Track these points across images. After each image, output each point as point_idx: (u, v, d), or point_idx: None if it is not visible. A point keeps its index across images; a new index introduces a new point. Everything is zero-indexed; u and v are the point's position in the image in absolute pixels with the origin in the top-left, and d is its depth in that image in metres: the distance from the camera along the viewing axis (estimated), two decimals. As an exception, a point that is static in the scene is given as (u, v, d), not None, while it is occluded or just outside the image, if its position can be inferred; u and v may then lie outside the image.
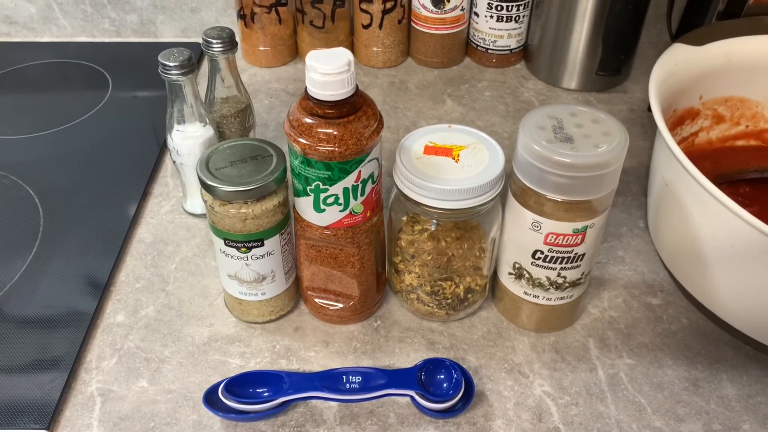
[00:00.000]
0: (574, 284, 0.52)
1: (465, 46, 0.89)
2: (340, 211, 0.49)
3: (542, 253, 0.50)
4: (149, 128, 0.78)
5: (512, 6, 0.82)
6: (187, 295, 0.59)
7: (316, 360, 0.54)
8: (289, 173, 0.50)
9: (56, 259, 0.61)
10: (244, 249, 0.51)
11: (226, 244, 0.51)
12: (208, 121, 0.61)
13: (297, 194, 0.50)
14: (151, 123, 0.78)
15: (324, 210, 0.49)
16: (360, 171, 0.47)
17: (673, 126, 0.64)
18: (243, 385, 0.50)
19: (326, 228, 0.50)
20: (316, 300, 0.55)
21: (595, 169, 0.45)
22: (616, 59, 0.81)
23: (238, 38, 0.79)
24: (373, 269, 0.54)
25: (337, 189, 0.47)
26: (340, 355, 0.54)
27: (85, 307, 0.57)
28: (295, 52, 0.89)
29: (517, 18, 0.83)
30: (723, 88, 0.65)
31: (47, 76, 0.87)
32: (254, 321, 0.56)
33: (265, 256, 0.51)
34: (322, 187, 0.47)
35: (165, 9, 0.91)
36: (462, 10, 0.84)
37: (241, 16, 0.84)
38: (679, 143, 0.63)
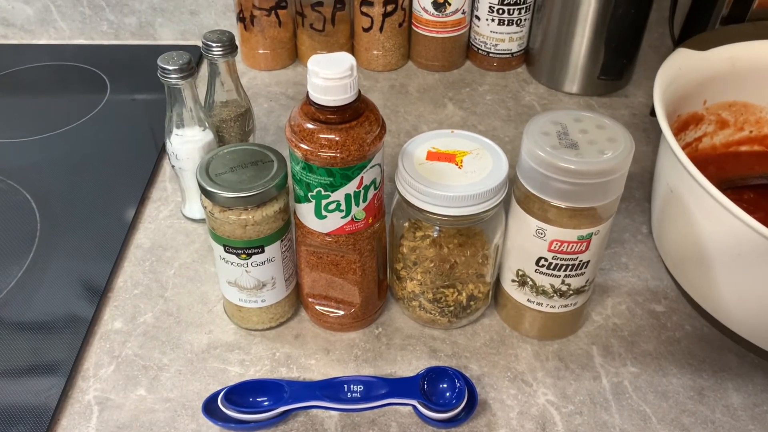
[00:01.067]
0: (578, 292, 0.51)
1: (466, 49, 0.88)
2: (342, 217, 0.48)
3: (546, 260, 0.49)
4: (148, 132, 0.77)
5: (513, 9, 0.82)
6: (185, 302, 0.58)
7: (317, 368, 0.53)
8: (290, 179, 0.49)
9: (53, 265, 0.60)
10: (244, 256, 0.50)
11: (225, 251, 0.50)
12: (207, 125, 0.60)
13: (298, 200, 0.49)
14: (150, 126, 0.78)
15: (325, 216, 0.48)
16: (362, 177, 0.46)
17: (677, 131, 0.64)
18: (243, 393, 0.49)
19: (327, 235, 0.49)
20: (317, 307, 0.55)
21: (600, 175, 0.44)
22: (618, 63, 0.80)
23: (237, 41, 0.78)
24: (374, 276, 0.53)
25: (338, 195, 0.47)
26: (341, 363, 0.53)
27: (83, 313, 0.56)
28: (294, 55, 0.89)
29: (519, 22, 0.83)
30: (727, 93, 0.65)
31: (45, 78, 0.86)
32: (254, 328, 0.55)
33: (266, 262, 0.51)
34: (323, 193, 0.47)
35: (164, 12, 0.91)
36: (463, 13, 0.83)
37: (241, 19, 0.84)
38: (683, 148, 0.62)
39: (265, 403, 0.49)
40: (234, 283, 0.52)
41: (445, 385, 0.50)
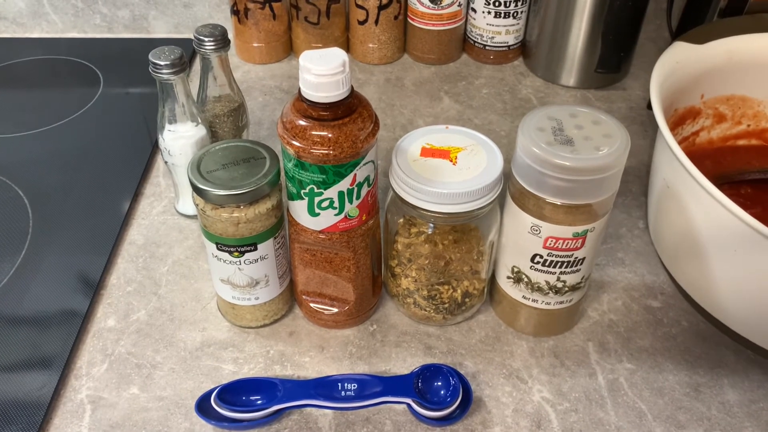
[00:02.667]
0: (573, 288, 0.51)
1: (462, 42, 0.88)
2: (335, 215, 0.48)
3: (541, 257, 0.49)
4: (141, 126, 0.76)
5: (510, 2, 0.81)
6: (179, 299, 0.58)
7: (311, 365, 0.53)
8: (282, 176, 0.49)
9: (46, 262, 0.60)
10: (236, 253, 0.49)
11: (218, 249, 0.50)
12: (200, 120, 0.59)
13: (291, 198, 0.49)
14: (144, 121, 0.77)
15: (318, 214, 0.48)
16: (355, 174, 0.46)
17: (674, 125, 0.63)
18: (236, 392, 0.49)
19: (321, 232, 0.49)
20: (311, 304, 0.54)
21: (596, 172, 0.44)
22: (616, 56, 0.79)
23: (231, 34, 0.78)
24: (368, 273, 0.53)
25: (331, 193, 0.46)
26: (336, 361, 0.53)
27: (75, 311, 0.56)
28: (289, 49, 0.88)
29: (515, 14, 0.82)
30: (725, 86, 0.64)
31: (37, 72, 0.86)
32: (248, 326, 0.55)
33: (259, 260, 0.50)
34: (316, 190, 0.46)
35: (157, 4, 0.90)
36: (459, 5, 0.83)
37: (235, 11, 0.83)
38: (679, 143, 0.62)
39: (259, 402, 0.48)
40: (227, 281, 0.52)
41: (439, 383, 0.50)
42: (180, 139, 0.59)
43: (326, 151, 0.44)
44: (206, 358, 0.53)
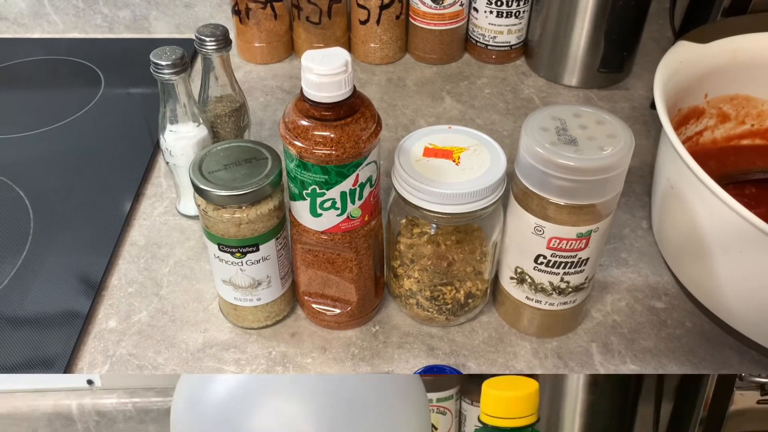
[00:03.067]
0: (577, 289, 0.51)
1: (464, 42, 0.87)
2: (338, 215, 0.47)
3: (545, 257, 0.49)
4: (143, 126, 0.76)
5: (512, 1, 0.81)
6: (180, 300, 0.57)
7: (313, 367, 0.52)
8: (284, 176, 0.49)
9: (47, 263, 0.60)
10: (238, 254, 0.49)
11: (220, 249, 0.49)
12: (201, 120, 0.59)
13: (293, 198, 0.48)
14: (145, 121, 0.77)
15: (321, 214, 0.47)
16: (358, 175, 0.46)
17: (678, 125, 0.63)
18: (238, 393, 0.48)
19: (323, 233, 0.49)
20: (313, 305, 0.54)
21: (600, 172, 0.44)
22: (618, 56, 0.79)
23: (232, 34, 0.77)
24: (371, 274, 0.53)
25: (334, 193, 0.46)
26: (338, 362, 0.53)
27: (77, 312, 0.55)
28: (291, 49, 0.88)
29: (517, 13, 0.82)
30: (729, 86, 0.64)
31: (38, 73, 0.85)
32: (250, 327, 0.55)
33: (261, 261, 0.50)
34: (318, 191, 0.46)
35: (158, 4, 0.89)
36: (461, 5, 0.82)
37: (236, 11, 0.83)
38: (683, 143, 0.61)
39: (261, 404, 0.48)
40: (229, 282, 0.51)
41: (442, 384, 0.50)
42: (181, 140, 0.58)
43: (328, 152, 0.44)
44: (208, 360, 0.53)
